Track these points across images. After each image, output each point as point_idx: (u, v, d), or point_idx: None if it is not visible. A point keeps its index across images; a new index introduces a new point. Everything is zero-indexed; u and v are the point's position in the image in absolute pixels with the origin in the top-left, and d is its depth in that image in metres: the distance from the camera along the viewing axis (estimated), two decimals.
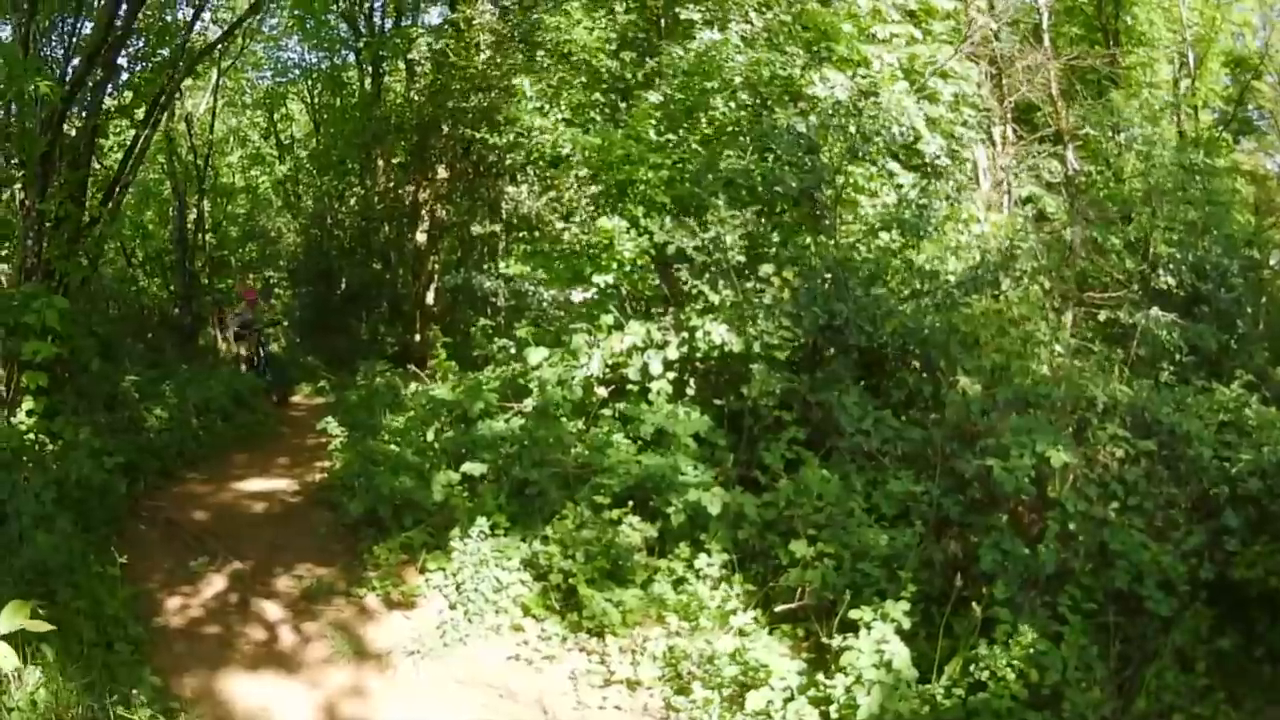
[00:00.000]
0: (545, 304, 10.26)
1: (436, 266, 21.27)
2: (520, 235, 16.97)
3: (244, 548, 8.86)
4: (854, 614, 6.03)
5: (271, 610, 7.60)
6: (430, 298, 21.03)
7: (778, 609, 6.68)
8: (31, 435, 9.13)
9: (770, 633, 6.51)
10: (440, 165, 20.33)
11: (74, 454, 9.02)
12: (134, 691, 5.76)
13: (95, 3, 11.22)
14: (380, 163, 21.54)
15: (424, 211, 20.81)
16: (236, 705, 6.26)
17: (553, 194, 15.20)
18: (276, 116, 25.37)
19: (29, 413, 9.42)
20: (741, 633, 6.38)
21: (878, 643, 5.74)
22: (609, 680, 6.58)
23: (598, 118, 10.87)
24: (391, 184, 21.54)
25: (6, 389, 9.53)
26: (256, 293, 19.17)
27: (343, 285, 21.82)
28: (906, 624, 5.88)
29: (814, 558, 6.69)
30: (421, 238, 20.96)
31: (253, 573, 8.32)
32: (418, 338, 20.22)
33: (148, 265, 21.93)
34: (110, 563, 7.07)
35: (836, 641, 5.99)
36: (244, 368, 17.03)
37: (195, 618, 7.46)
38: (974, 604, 5.94)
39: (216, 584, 8.08)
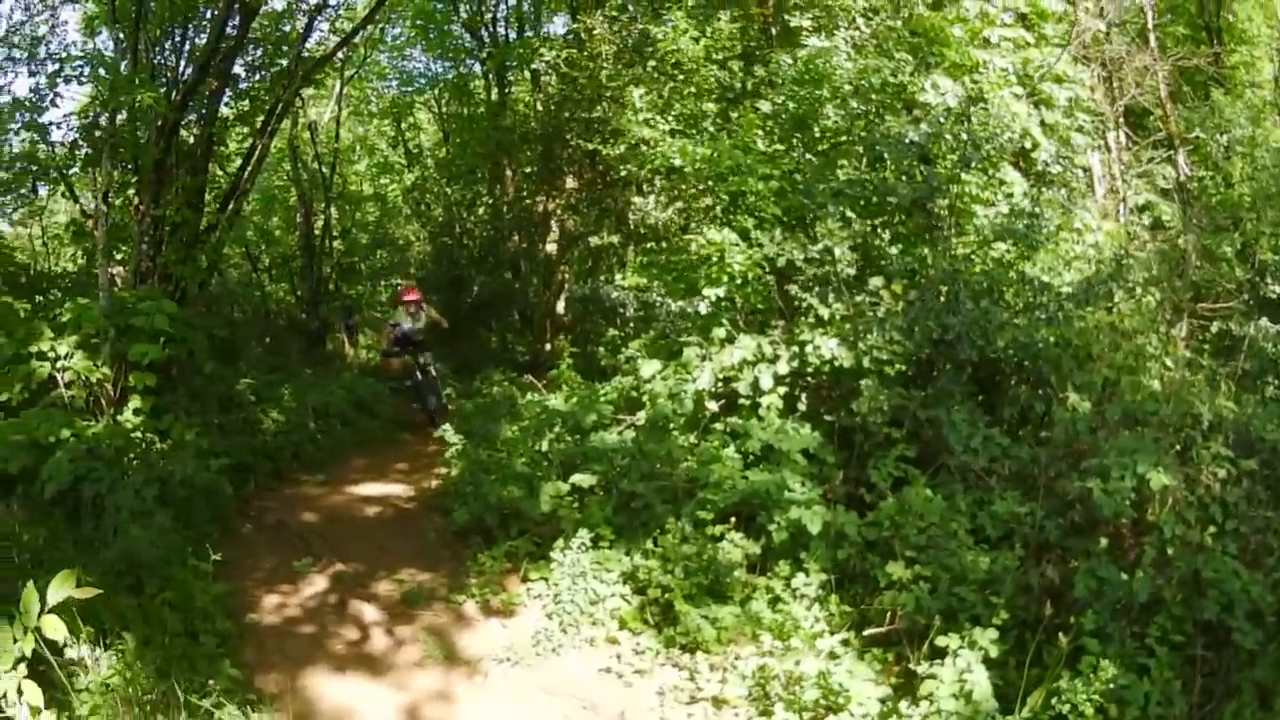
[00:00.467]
0: (673, 315, 10.17)
1: (567, 276, 21.31)
2: (648, 247, 16.89)
3: (350, 550, 8.98)
4: (941, 640, 5.84)
5: (368, 612, 7.67)
6: (561, 307, 21.09)
7: (868, 632, 6.50)
8: (138, 434, 9.34)
9: (861, 656, 6.32)
10: (568, 175, 20.36)
11: (180, 453, 9.22)
12: (210, 682, 5.85)
13: (206, 14, 11.48)
14: (508, 172, 21.66)
15: (553, 221, 20.86)
16: (319, 703, 6.35)
17: (680, 205, 15.11)
18: (404, 126, 25.69)
19: (135, 411, 9.64)
20: (832, 655, 6.22)
21: (961, 672, 5.54)
22: (695, 698, 6.46)
23: (710, 128, 10.75)
24: (522, 194, 21.64)
25: (114, 388, 9.77)
26: (420, 293, 15.86)
27: (473, 293, 21.93)
28: (994, 652, 5.66)
29: (911, 580, 6.48)
30: (551, 247, 21.00)
31: (355, 575, 8.42)
32: (548, 347, 20.26)
33: (273, 270, 22.33)
34: (206, 559, 7.17)
35: (923, 668, 5.81)
36: (406, 385, 15.38)
37: (290, 616, 7.60)
38: (1060, 634, 5.69)
39: (317, 584, 8.21)
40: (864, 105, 9.95)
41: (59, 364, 9.60)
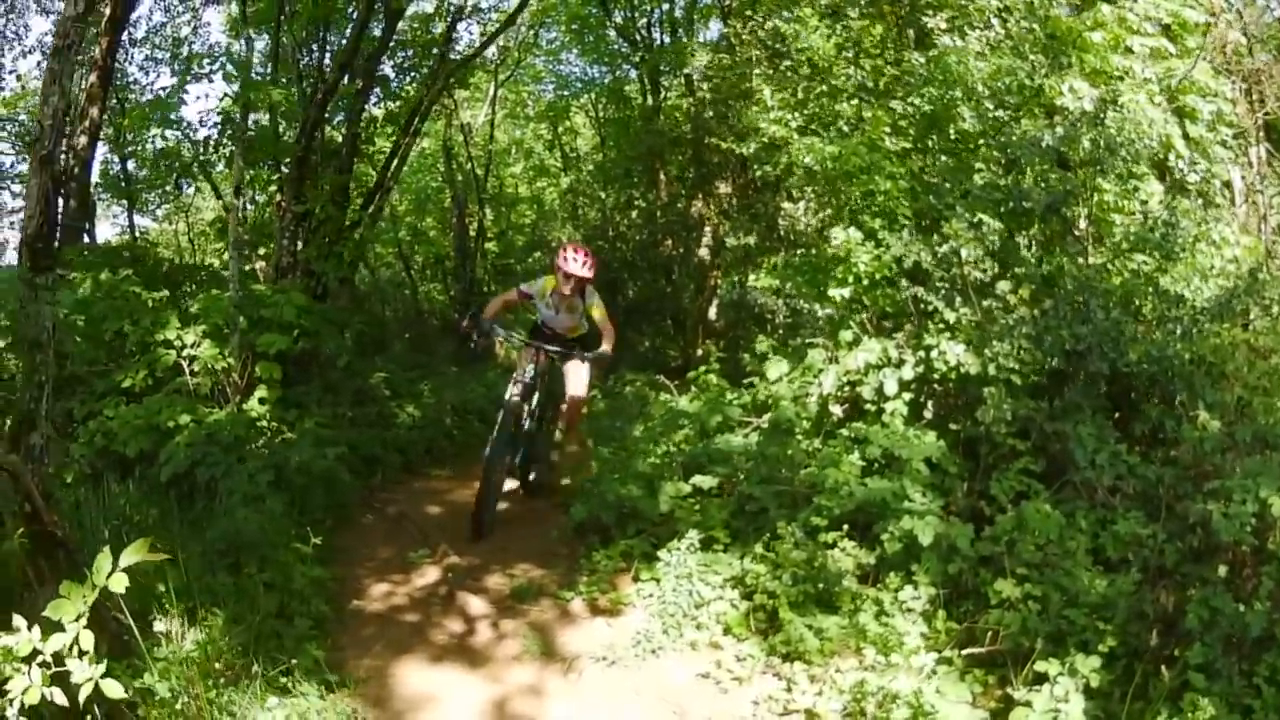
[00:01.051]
0: (818, 320, 10.01)
1: (719, 281, 21.20)
2: (798, 252, 16.65)
3: (468, 545, 9.03)
4: (1042, 665, 5.58)
5: (475, 605, 7.68)
6: (713, 312, 20.99)
7: (968, 651, 6.22)
8: (263, 423, 9.56)
9: (963, 677, 6.04)
10: (721, 181, 20.25)
11: (299, 442, 9.40)
12: (294, 662, 5.95)
13: (352, 14, 11.77)
14: (661, 176, 21.64)
15: (706, 226, 20.77)
16: (405, 690, 6.37)
17: (829, 212, 14.88)
18: (560, 129, 25.74)
19: (261, 401, 9.86)
20: (929, 674, 5.97)
21: (1057, 701, 5.25)
22: (789, 709, 6.26)
23: (844, 127, 10.54)
24: (676, 198, 21.59)
25: (241, 378, 10.02)
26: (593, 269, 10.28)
27: (627, 297, 21.94)
28: (1095, 681, 5.35)
29: (1020, 599, 6.19)
30: (704, 252, 20.92)
31: (469, 568, 8.46)
32: (699, 352, 20.16)
33: (427, 270, 22.68)
34: (308, 543, 7.31)
35: (1021, 693, 5.54)
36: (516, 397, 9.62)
37: (396, 605, 7.70)
38: (1162, 666, 5.36)
39: (429, 575, 8.30)
40: (999, 108, 9.65)
41: (184, 352, 9.91)
